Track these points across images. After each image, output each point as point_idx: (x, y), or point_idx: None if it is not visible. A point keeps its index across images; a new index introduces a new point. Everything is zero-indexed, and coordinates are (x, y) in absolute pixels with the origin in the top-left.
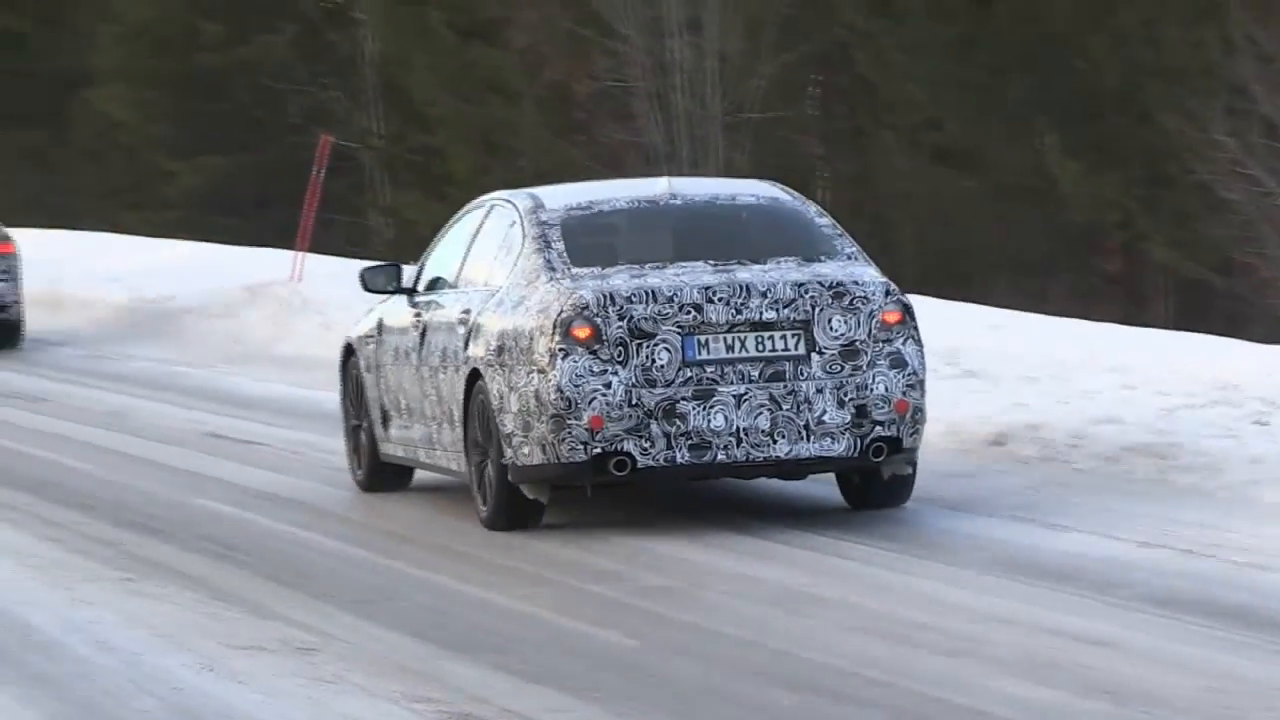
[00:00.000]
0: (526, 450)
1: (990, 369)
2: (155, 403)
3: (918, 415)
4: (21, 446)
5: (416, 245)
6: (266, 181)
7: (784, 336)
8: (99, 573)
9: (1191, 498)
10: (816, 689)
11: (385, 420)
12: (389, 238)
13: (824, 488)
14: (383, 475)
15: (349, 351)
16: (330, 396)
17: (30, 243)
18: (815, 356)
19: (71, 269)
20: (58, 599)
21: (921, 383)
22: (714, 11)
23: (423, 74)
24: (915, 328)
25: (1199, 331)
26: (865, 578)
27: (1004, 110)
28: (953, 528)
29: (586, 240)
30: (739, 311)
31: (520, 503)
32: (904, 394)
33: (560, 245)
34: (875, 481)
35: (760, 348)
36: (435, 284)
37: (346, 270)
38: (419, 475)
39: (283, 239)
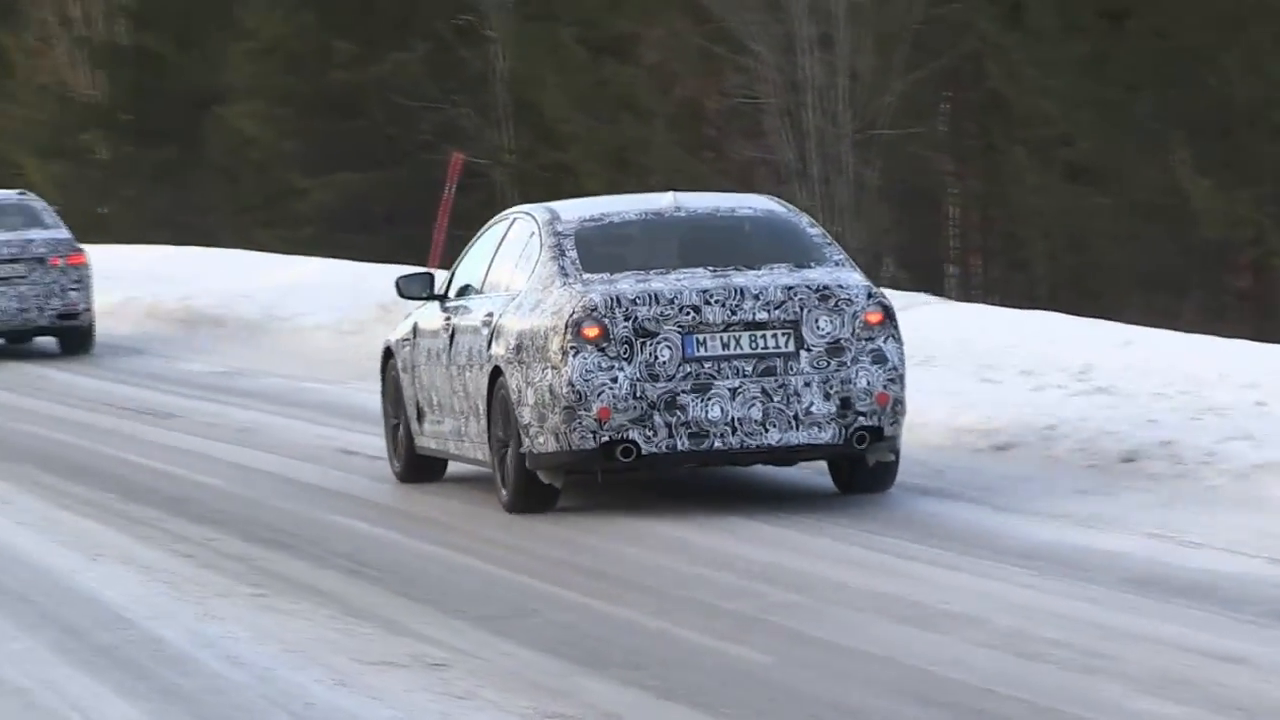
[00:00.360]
0: (542, 440)
1: (1122, 385)
2: (286, 419)
3: (898, 407)
4: (153, 462)
5: None
6: (398, 198)
7: (775, 335)
8: (230, 588)
9: None
10: (949, 706)
11: (420, 416)
12: None
13: (959, 507)
14: (419, 467)
15: (388, 354)
16: None
17: (162, 259)
18: (803, 353)
19: (203, 286)
20: (189, 613)
21: (901, 377)
22: (845, 28)
23: (554, 91)
24: (895, 327)
25: None
26: (996, 595)
27: (1136, 126)
28: (1085, 544)
29: (598, 249)
30: (734, 313)
31: (537, 488)
32: (885, 387)
33: (573, 253)
34: (861, 468)
35: (753, 345)
36: (464, 290)
37: None
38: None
39: (414, 256)
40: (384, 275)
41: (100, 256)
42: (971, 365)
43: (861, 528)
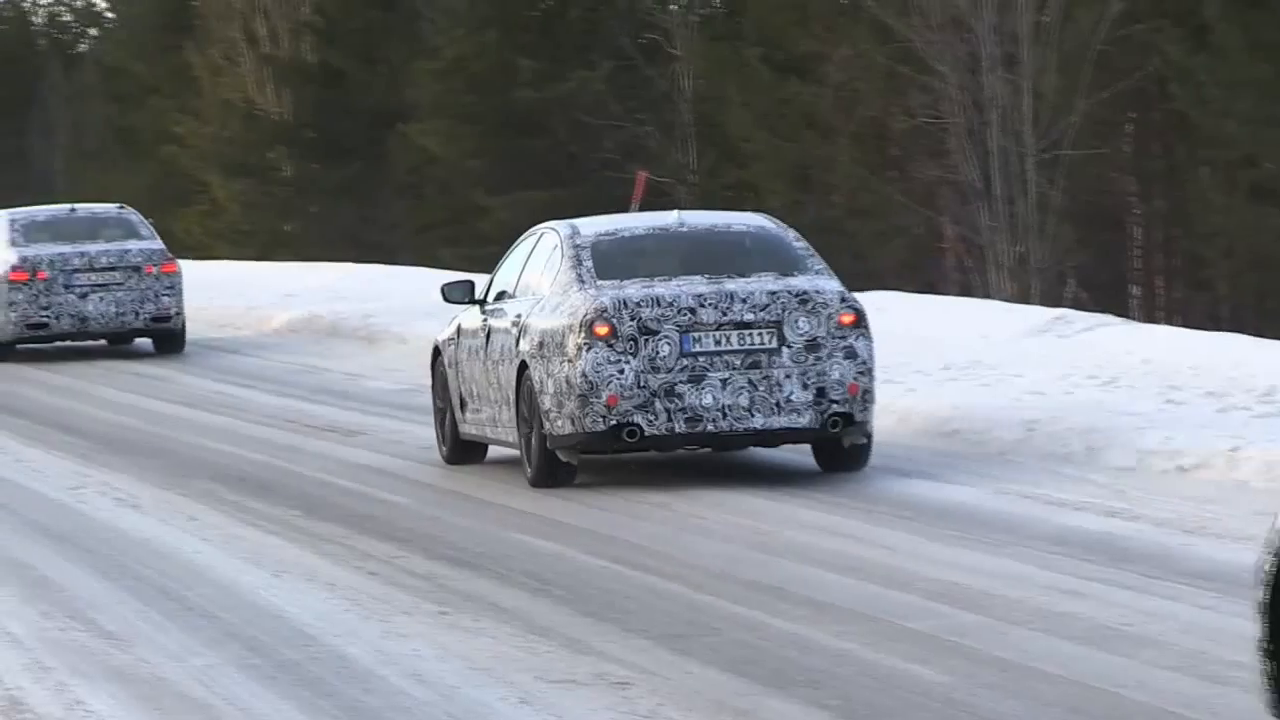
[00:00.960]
0: (560, 423)
1: None
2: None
3: (867, 396)
4: (337, 479)
5: None
6: (581, 216)
7: (760, 334)
8: (414, 605)
9: None
10: None
11: (462, 406)
12: None
13: (1146, 529)
14: (463, 451)
15: (436, 352)
16: None
17: (344, 276)
18: (785, 349)
19: (385, 304)
20: (373, 631)
21: (870, 370)
22: (1029, 48)
23: (738, 109)
24: (866, 327)
25: None
26: (1180, 616)
27: None
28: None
29: (611, 259)
30: (725, 314)
31: (556, 466)
32: (855, 379)
33: (589, 263)
34: (838, 450)
35: (741, 342)
36: (500, 295)
37: None
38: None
39: None
40: None
41: (282, 273)
42: (1156, 387)
43: (1039, 549)
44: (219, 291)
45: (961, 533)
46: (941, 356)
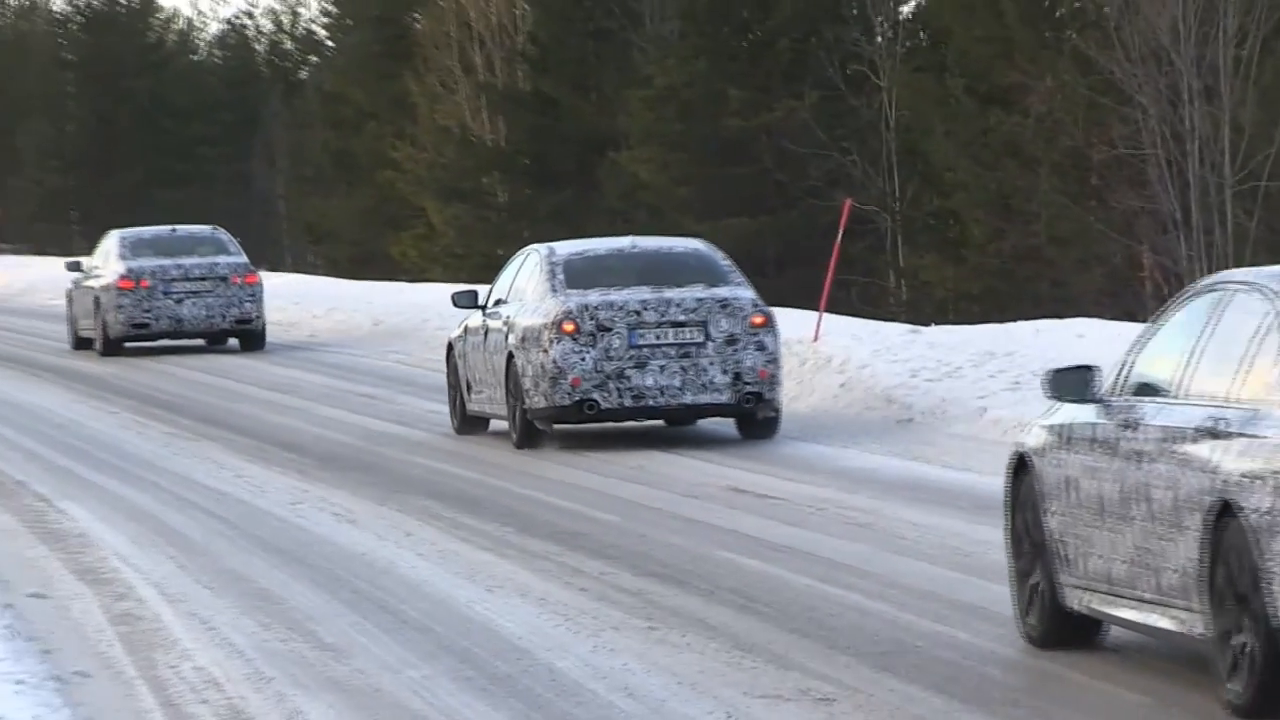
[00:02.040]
0: (537, 400)
1: None
2: (676, 454)
3: (774, 380)
4: (548, 497)
5: (932, 307)
6: (788, 243)
7: (690, 330)
8: (623, 621)
9: None
10: None
11: (469, 389)
12: (905, 299)
13: None
14: (471, 424)
15: (449, 347)
16: (857, 454)
17: None
18: (709, 343)
19: None
20: (583, 645)
21: (777, 359)
22: (1229, 81)
23: (941, 139)
24: (774, 327)
25: None
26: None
27: None
28: None
29: (579, 273)
30: (663, 315)
31: (534, 432)
32: (764, 366)
33: (561, 276)
34: (753, 422)
35: (676, 337)
36: (498, 302)
37: (865, 331)
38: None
39: (801, 298)
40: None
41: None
42: None
43: None
44: (434, 312)
45: None
46: None
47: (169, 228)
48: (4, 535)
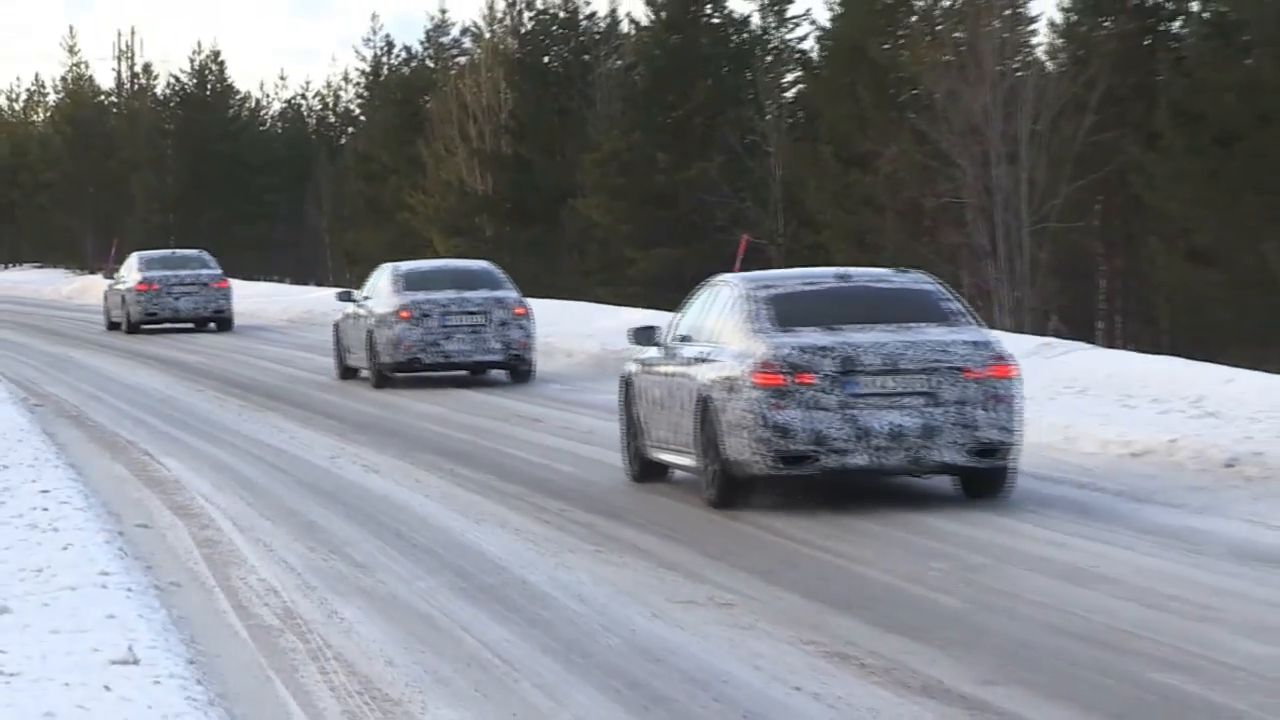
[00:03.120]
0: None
1: (1225, 411)
2: (613, 423)
3: (529, 348)
4: (522, 454)
5: None
6: (701, 267)
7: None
8: (577, 546)
9: None
10: (1099, 643)
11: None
12: None
13: (1105, 498)
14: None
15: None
16: None
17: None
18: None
19: (559, 329)
20: (547, 564)
21: (531, 335)
22: (1026, 149)
23: (814, 191)
24: (529, 321)
25: None
26: (1131, 561)
27: (1239, 224)
28: (1197, 526)
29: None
30: (462, 308)
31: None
32: (524, 339)
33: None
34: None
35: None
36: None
37: None
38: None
39: None
40: None
41: None
42: (1115, 395)
43: (1029, 511)
44: None
45: (956, 512)
46: None
47: (170, 251)
48: (117, 481)
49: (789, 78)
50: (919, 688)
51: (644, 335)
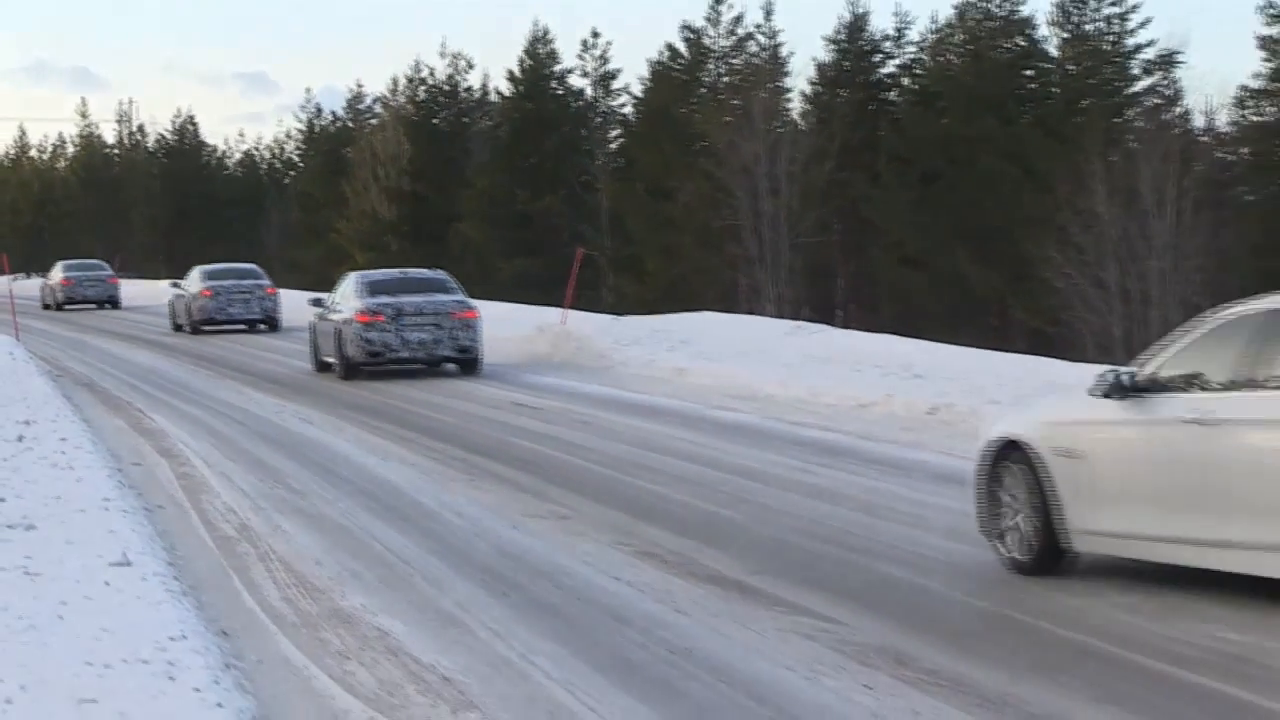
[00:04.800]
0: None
1: (929, 374)
2: (482, 386)
3: (477, 344)
4: (416, 409)
5: (625, 307)
6: (550, 273)
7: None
8: (456, 476)
9: None
10: (835, 543)
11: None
12: (611, 302)
13: (839, 437)
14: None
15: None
16: (584, 385)
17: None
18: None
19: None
20: (434, 489)
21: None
22: (786, 184)
23: (633, 216)
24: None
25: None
26: (864, 483)
27: (939, 238)
28: (910, 456)
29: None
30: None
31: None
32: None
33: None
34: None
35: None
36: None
37: (590, 319)
38: None
39: (557, 302)
40: (541, 312)
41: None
42: (849, 364)
43: (786, 449)
44: None
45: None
46: (738, 346)
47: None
48: (118, 431)
49: (613, 133)
50: (705, 576)
51: (316, 302)
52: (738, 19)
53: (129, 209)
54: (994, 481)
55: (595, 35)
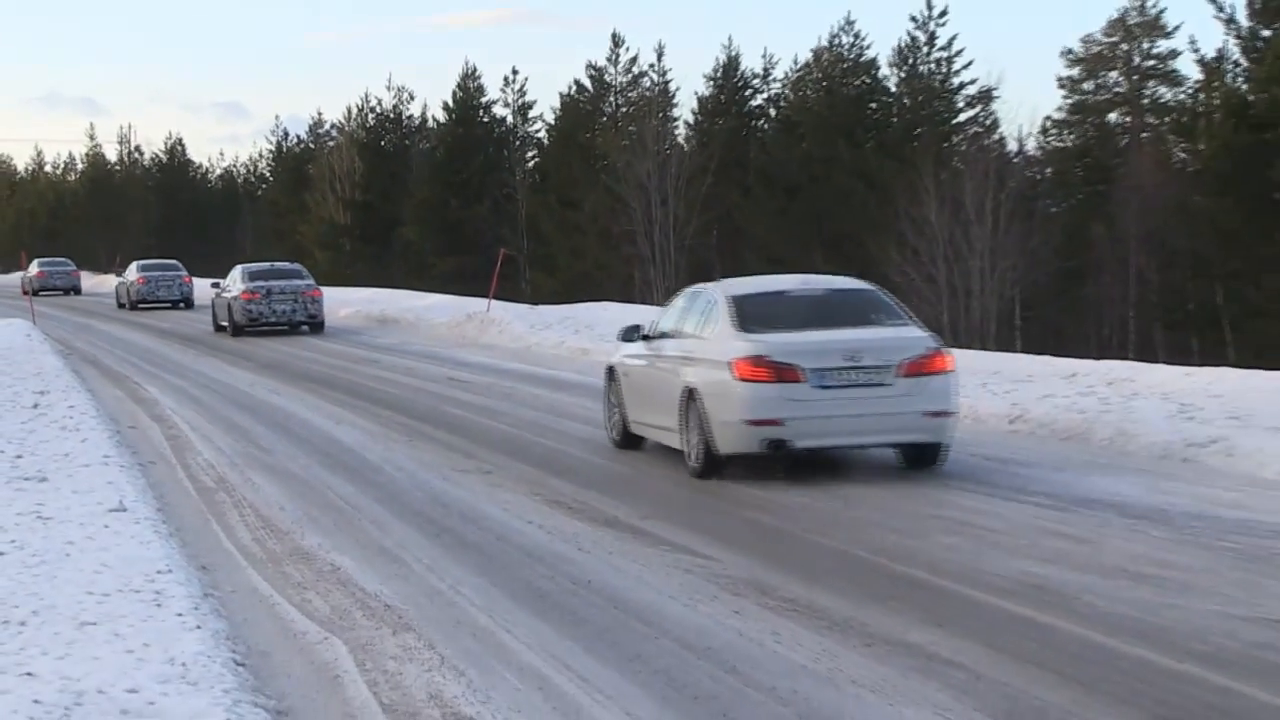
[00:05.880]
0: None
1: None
2: (425, 364)
3: (321, 313)
4: (364, 381)
5: (540, 298)
6: (479, 269)
7: None
8: (398, 438)
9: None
10: (710, 494)
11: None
12: (529, 294)
13: None
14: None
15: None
16: (510, 364)
17: (371, 295)
18: None
19: (393, 306)
20: (379, 447)
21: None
22: (673, 197)
23: (547, 223)
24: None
25: None
26: None
27: (799, 241)
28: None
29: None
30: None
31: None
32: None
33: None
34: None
35: None
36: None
37: (510, 307)
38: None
39: (482, 293)
40: (469, 302)
41: (344, 293)
42: None
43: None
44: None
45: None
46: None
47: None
48: (117, 399)
49: (530, 154)
50: (603, 521)
51: (215, 284)
52: (633, 59)
53: (127, 214)
54: (609, 392)
55: (515, 72)
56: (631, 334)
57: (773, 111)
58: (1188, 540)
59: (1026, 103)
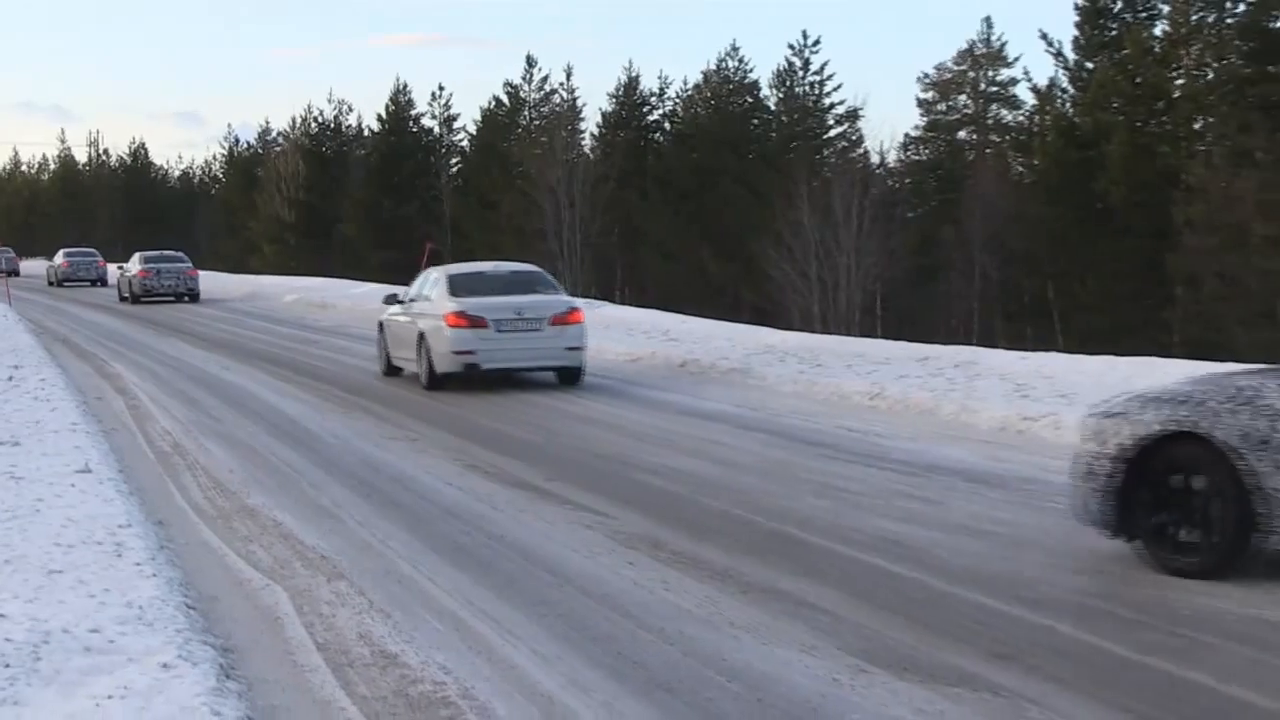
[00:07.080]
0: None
1: (681, 338)
2: (358, 345)
3: (197, 287)
4: (309, 360)
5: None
6: (407, 261)
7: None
8: (336, 409)
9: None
10: (611, 460)
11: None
12: None
13: (614, 383)
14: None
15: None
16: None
17: (326, 284)
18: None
19: (328, 294)
20: (320, 419)
21: (198, 283)
22: (580, 198)
23: (469, 222)
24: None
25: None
26: (632, 416)
27: (690, 238)
28: (678, 402)
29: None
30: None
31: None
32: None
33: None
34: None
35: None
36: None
37: None
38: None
39: (411, 281)
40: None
41: (289, 282)
42: (623, 330)
43: (584, 393)
44: (257, 285)
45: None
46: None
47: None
48: (84, 374)
49: (454, 160)
50: (513, 483)
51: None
52: (545, 78)
53: (95, 211)
54: (380, 339)
55: (441, 88)
56: (392, 300)
57: (668, 125)
58: (1019, 501)
59: (888, 121)
